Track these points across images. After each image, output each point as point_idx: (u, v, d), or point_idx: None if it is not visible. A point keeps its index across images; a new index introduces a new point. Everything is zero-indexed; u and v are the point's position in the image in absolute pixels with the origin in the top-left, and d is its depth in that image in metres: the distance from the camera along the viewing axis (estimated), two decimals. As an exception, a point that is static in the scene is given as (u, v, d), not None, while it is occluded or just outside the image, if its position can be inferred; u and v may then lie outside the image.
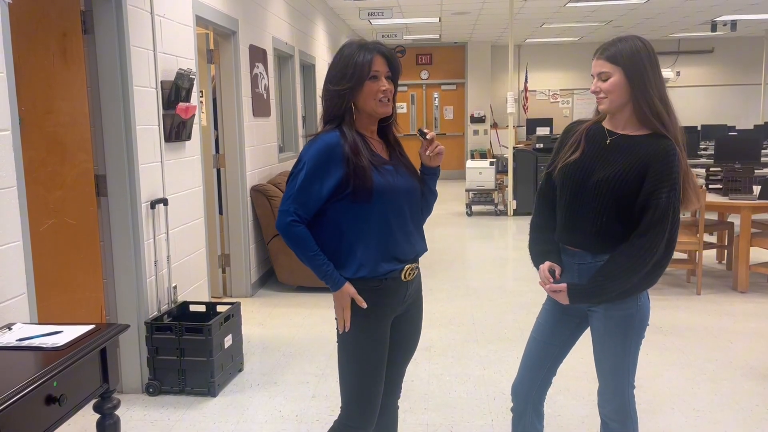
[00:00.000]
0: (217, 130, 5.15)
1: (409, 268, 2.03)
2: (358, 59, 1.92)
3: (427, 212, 2.16)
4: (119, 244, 3.35)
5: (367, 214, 1.93)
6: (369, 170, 1.91)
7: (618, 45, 1.98)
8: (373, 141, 2.02)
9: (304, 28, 7.52)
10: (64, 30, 3.20)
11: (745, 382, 3.51)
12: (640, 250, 1.95)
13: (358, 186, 1.90)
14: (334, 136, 1.93)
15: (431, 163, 2.07)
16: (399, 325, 2.10)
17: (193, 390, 3.43)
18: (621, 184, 1.97)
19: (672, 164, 1.94)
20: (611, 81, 1.98)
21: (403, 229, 2.00)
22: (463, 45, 14.24)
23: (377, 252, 1.95)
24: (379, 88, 1.93)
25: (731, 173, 5.41)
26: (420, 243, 2.09)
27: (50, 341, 2.01)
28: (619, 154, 2.01)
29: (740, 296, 5.14)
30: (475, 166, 9.29)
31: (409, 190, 2.03)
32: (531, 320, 4.73)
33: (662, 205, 1.93)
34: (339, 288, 1.94)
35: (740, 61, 14.22)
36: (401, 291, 2.03)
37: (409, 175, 2.04)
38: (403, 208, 2.00)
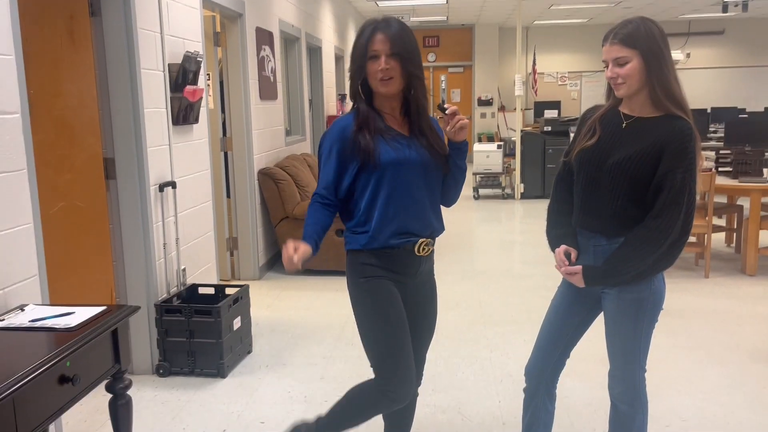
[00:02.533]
0: (224, 113, 5.14)
1: (423, 242, 2.05)
2: (359, 40, 1.95)
3: (456, 189, 2.15)
4: (128, 226, 3.36)
5: (378, 187, 1.98)
6: (373, 142, 1.94)
7: (630, 27, 1.94)
8: (391, 117, 2.03)
9: (310, 11, 7.48)
10: (72, 12, 3.19)
11: (752, 365, 3.51)
12: (654, 231, 1.94)
13: (365, 159, 1.95)
14: (346, 118, 2.02)
15: (456, 138, 2.04)
16: (409, 307, 2.12)
17: (203, 371, 3.46)
18: (637, 165, 1.96)
19: (688, 145, 1.93)
20: (630, 66, 1.94)
21: (415, 203, 2.01)
22: (470, 27, 14.11)
23: (389, 225, 2.00)
24: (377, 68, 1.92)
25: (741, 156, 5.37)
26: (435, 220, 2.10)
27: (62, 322, 2.03)
28: (635, 136, 2.00)
29: (749, 279, 5.12)
30: (483, 150, 9.25)
31: (423, 164, 2.01)
32: (538, 303, 4.71)
33: (677, 186, 1.92)
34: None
35: (751, 42, 14.04)
36: (414, 262, 2.06)
37: (425, 150, 2.02)
38: (414, 181, 2.00)
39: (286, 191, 5.35)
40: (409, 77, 1.98)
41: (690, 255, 5.72)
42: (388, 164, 1.95)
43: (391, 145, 1.97)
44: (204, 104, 4.12)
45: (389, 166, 1.96)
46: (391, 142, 1.97)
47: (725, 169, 5.54)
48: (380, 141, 1.96)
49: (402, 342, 2.01)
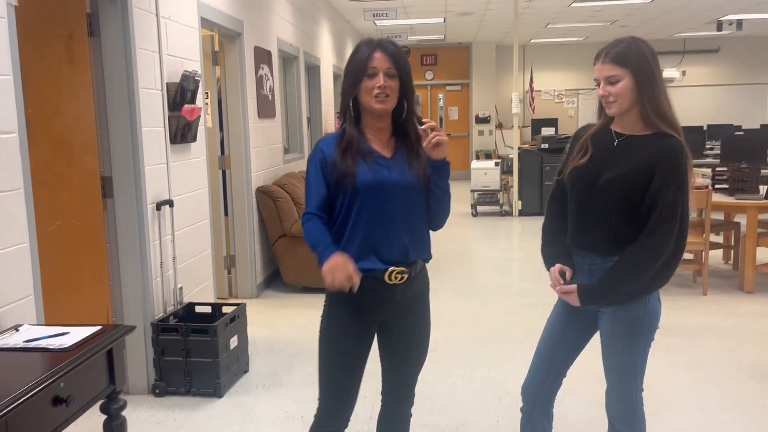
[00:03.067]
0: (223, 132, 5.16)
1: (395, 270, 1.96)
2: (358, 56, 1.95)
3: (439, 212, 2.05)
4: (125, 245, 3.36)
5: (351, 209, 1.95)
6: (353, 165, 1.92)
7: (621, 46, 1.96)
8: (376, 138, 2.00)
9: (308, 30, 7.53)
10: (71, 32, 3.21)
11: (751, 383, 3.50)
12: (648, 249, 1.94)
13: (343, 181, 1.93)
14: (330, 138, 2.02)
15: (433, 155, 1.97)
16: (393, 333, 2.08)
17: (199, 391, 3.44)
18: (629, 183, 1.97)
19: (679, 162, 1.93)
20: (621, 84, 1.96)
21: (388, 227, 1.95)
22: (467, 45, 14.23)
23: (356, 248, 1.94)
24: (374, 84, 1.92)
25: (738, 173, 5.39)
26: (414, 246, 2.00)
27: (57, 342, 2.01)
28: (627, 154, 2.00)
29: (747, 297, 5.11)
30: (481, 167, 9.28)
31: (407, 188, 1.96)
32: (537, 320, 4.70)
33: (669, 203, 1.92)
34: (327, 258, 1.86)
35: (746, 60, 14.16)
36: (386, 294, 1.98)
37: (408, 172, 1.97)
38: (392, 206, 1.95)
39: (284, 209, 5.35)
40: (405, 98, 1.99)
41: (688, 272, 5.71)
42: (363, 187, 1.92)
43: (371, 167, 1.94)
44: (202, 123, 4.13)
45: (365, 189, 1.92)
46: (371, 164, 1.95)
47: (722, 186, 5.55)
48: (360, 163, 1.94)
49: (345, 384, 2.02)
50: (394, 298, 2.00)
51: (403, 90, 1.96)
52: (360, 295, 1.94)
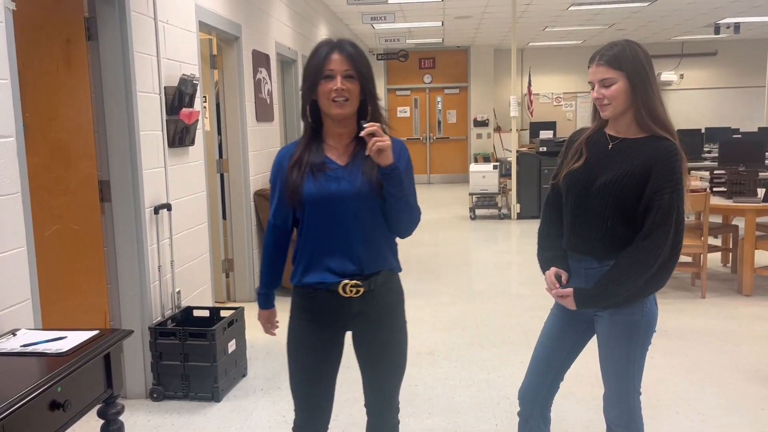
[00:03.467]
0: (221, 135, 5.16)
1: (348, 283, 1.90)
2: (314, 58, 1.87)
3: (398, 221, 1.93)
4: (123, 249, 3.35)
5: (303, 222, 1.94)
6: (299, 179, 1.88)
7: (615, 49, 1.97)
8: (333, 145, 1.93)
9: (307, 33, 7.54)
10: (68, 36, 3.21)
11: (750, 386, 3.49)
12: (644, 252, 1.94)
13: (289, 194, 1.91)
14: (288, 148, 2.00)
15: (379, 161, 1.83)
16: (363, 345, 2.03)
17: (197, 395, 3.43)
18: (624, 186, 1.97)
19: (674, 165, 1.93)
20: (615, 87, 1.96)
21: (338, 239, 1.89)
22: (465, 49, 14.25)
23: (307, 261, 1.93)
24: (332, 87, 1.83)
25: (736, 176, 5.39)
26: (370, 257, 1.92)
27: (54, 347, 2.01)
28: (621, 157, 2.00)
29: (745, 299, 5.12)
30: (479, 170, 9.28)
31: (360, 198, 1.87)
32: (535, 324, 4.69)
33: (665, 206, 1.92)
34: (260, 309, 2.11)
35: (744, 63, 14.19)
36: (342, 307, 1.93)
37: (365, 181, 1.87)
38: (343, 217, 1.88)
39: (282, 213, 5.35)
40: (366, 101, 1.90)
41: (686, 275, 5.71)
42: (308, 201, 1.88)
43: (317, 182, 1.88)
44: (200, 126, 4.13)
45: (310, 203, 1.88)
46: (320, 178, 1.88)
47: (720, 189, 5.56)
48: (307, 176, 1.88)
49: (309, 395, 2.03)
50: (351, 311, 1.94)
51: (363, 93, 1.88)
52: (315, 307, 1.95)
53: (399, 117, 14.52)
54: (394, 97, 14.52)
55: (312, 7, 7.95)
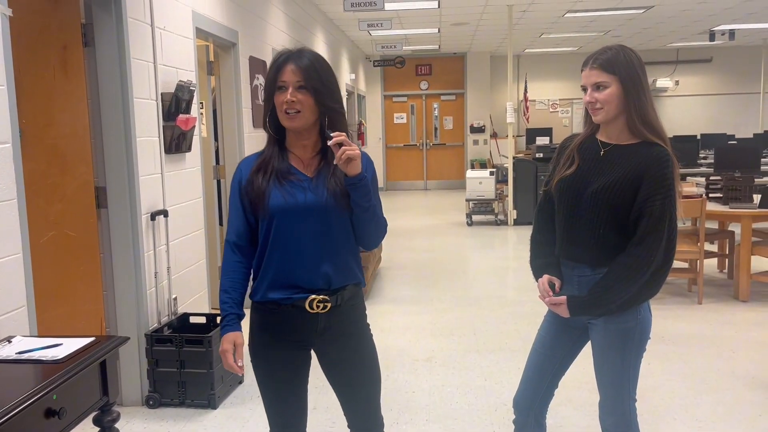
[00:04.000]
0: (218, 142, 5.15)
1: (315, 299, 1.85)
2: (271, 69, 1.83)
3: (365, 232, 1.89)
4: (119, 255, 3.34)
5: (267, 234, 1.85)
6: (265, 188, 1.82)
7: (609, 54, 1.96)
8: (297, 156, 1.89)
9: (303, 40, 7.56)
10: (65, 43, 3.21)
11: (747, 392, 3.49)
12: (636, 259, 1.94)
13: (254, 205, 1.85)
14: (249, 159, 1.94)
15: (347, 171, 1.78)
16: (332, 363, 1.98)
17: (194, 402, 3.41)
18: (616, 193, 1.96)
19: (665, 171, 1.93)
20: (608, 91, 1.96)
21: (305, 254, 1.84)
22: (462, 55, 14.29)
23: (272, 276, 1.86)
24: (282, 99, 1.79)
25: (731, 182, 5.41)
26: (337, 272, 1.88)
27: (50, 354, 2.00)
28: (613, 164, 2.00)
29: (742, 305, 5.12)
30: (476, 176, 9.30)
31: (327, 210, 1.83)
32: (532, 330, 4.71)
33: (657, 213, 1.92)
34: (224, 333, 1.88)
35: (739, 70, 14.26)
36: (308, 323, 1.88)
37: (331, 194, 1.83)
38: (310, 230, 1.83)
39: (279, 219, 5.34)
40: (325, 112, 1.83)
41: (683, 281, 5.72)
42: (275, 211, 1.82)
43: (284, 190, 1.82)
44: (197, 133, 4.13)
45: (276, 213, 1.82)
46: (286, 186, 1.83)
47: (716, 195, 5.58)
48: (274, 185, 1.83)
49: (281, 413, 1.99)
50: (318, 327, 1.89)
51: (320, 105, 1.82)
52: (279, 324, 1.89)
53: (396, 123, 14.54)
54: (390, 103, 14.55)
55: (309, 14, 7.97)
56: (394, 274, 6.47)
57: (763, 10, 9.60)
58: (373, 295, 5.68)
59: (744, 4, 9.13)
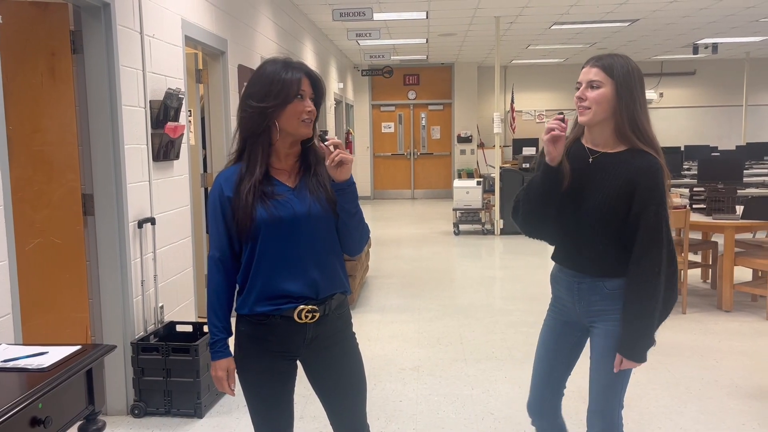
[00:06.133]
0: (206, 149, 5.15)
1: (304, 309, 1.85)
2: (285, 76, 1.82)
3: (351, 238, 1.92)
4: (106, 263, 3.32)
5: (253, 248, 1.84)
6: (249, 206, 1.81)
7: (612, 58, 1.99)
8: (280, 168, 1.89)
9: (292, 48, 7.57)
10: (53, 49, 3.20)
11: (730, 401, 3.53)
12: (644, 276, 1.96)
13: (239, 222, 1.83)
14: (228, 172, 1.90)
15: (336, 176, 1.83)
16: (319, 372, 1.98)
17: (180, 411, 3.39)
18: (612, 207, 1.99)
19: (657, 180, 1.96)
20: (601, 91, 1.97)
21: (294, 264, 1.85)
22: (450, 66, 14.38)
23: (259, 289, 1.85)
24: (305, 108, 1.83)
25: (714, 193, 5.48)
26: (326, 280, 1.88)
27: (35, 362, 1.98)
28: (604, 174, 2.01)
29: (725, 315, 5.18)
30: (462, 186, 9.34)
31: (312, 219, 1.85)
32: (519, 339, 4.70)
33: (652, 223, 1.95)
34: (216, 359, 1.89)
35: (722, 82, 14.47)
36: (296, 333, 1.88)
37: (316, 202, 1.85)
38: (297, 240, 1.84)
39: (267, 227, 5.33)
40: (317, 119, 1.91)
41: (667, 291, 5.77)
42: (262, 225, 1.81)
43: (268, 203, 1.82)
44: (185, 140, 4.12)
45: (264, 229, 1.82)
46: (269, 199, 1.83)
47: (699, 206, 5.65)
48: (259, 200, 1.82)
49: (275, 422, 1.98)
50: (306, 337, 1.89)
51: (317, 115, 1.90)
52: (267, 335, 1.88)
53: (383, 133, 14.58)
54: (378, 112, 14.59)
55: (298, 23, 8.00)
56: (381, 283, 6.48)
57: (745, 24, 9.77)
58: (361, 303, 5.68)
59: (727, 19, 9.28)
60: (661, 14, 8.87)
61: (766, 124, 14.45)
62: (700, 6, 8.36)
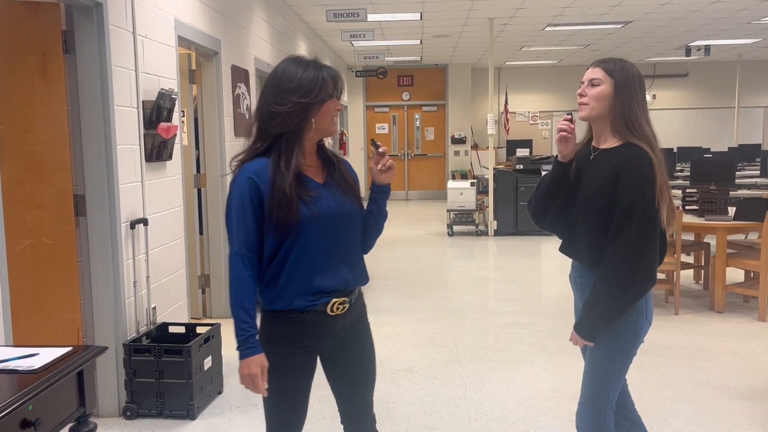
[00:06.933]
0: (199, 150, 5.13)
1: (336, 302, 1.91)
2: (324, 74, 1.88)
3: (376, 235, 2.03)
4: (98, 264, 3.31)
5: (290, 246, 1.86)
6: (295, 204, 1.82)
7: (617, 62, 2.10)
8: (310, 162, 1.94)
9: (286, 49, 7.56)
10: (45, 49, 3.18)
11: (722, 402, 3.54)
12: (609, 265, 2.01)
13: (282, 220, 1.82)
14: (256, 165, 1.89)
15: (382, 180, 1.97)
16: (337, 360, 2.03)
17: (172, 413, 3.38)
18: (599, 199, 2.04)
19: (640, 169, 1.98)
20: (600, 89, 2.07)
21: (330, 260, 1.90)
22: (444, 67, 14.40)
23: (297, 285, 1.87)
24: (336, 106, 1.91)
25: (707, 194, 5.50)
26: (353, 274, 1.95)
27: (26, 364, 1.97)
28: (597, 169, 2.09)
29: (717, 316, 5.20)
30: (456, 187, 9.35)
31: (344, 215, 1.92)
32: (512, 340, 4.71)
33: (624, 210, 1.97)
34: (249, 356, 1.84)
35: (714, 84, 14.55)
36: (326, 325, 1.93)
37: (345, 197, 1.93)
38: (332, 236, 1.89)
39: (260, 228, 5.32)
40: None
41: (660, 292, 5.79)
42: (303, 220, 1.84)
43: (307, 199, 1.85)
44: (178, 141, 4.11)
45: (304, 222, 1.84)
46: (306, 196, 1.86)
47: (692, 207, 5.67)
48: (300, 198, 1.85)
49: (291, 421, 2.00)
50: (335, 328, 1.95)
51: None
52: (300, 330, 1.90)
53: (377, 134, 14.58)
54: (372, 113, 14.59)
55: (291, 24, 7.99)
56: (374, 284, 6.47)
57: (737, 27, 9.82)
58: (354, 305, 5.67)
59: (719, 21, 9.33)
60: (653, 16, 8.91)
61: (758, 126, 14.54)
62: (693, 8, 8.40)
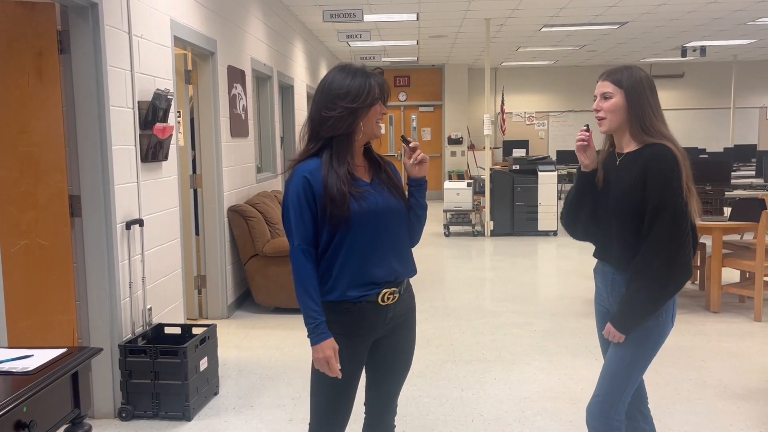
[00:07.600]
0: (195, 151, 5.12)
1: (387, 292, 2.02)
2: (371, 81, 2.01)
3: (420, 228, 2.15)
4: (93, 265, 3.30)
5: (342, 240, 1.97)
6: (347, 200, 1.95)
7: (624, 71, 2.14)
8: (357, 165, 2.05)
9: (282, 50, 7.56)
10: (40, 49, 3.18)
11: (718, 402, 3.55)
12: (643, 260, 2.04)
13: (335, 215, 1.94)
14: (309, 165, 2.00)
15: (416, 174, 2.09)
16: (382, 347, 2.11)
17: (168, 414, 3.37)
18: (629, 198, 2.09)
19: (663, 165, 2.04)
20: (612, 101, 2.13)
21: (379, 252, 2.01)
22: (440, 67, 14.40)
23: (350, 277, 1.98)
24: (381, 110, 2.03)
25: (702, 195, 5.51)
26: (402, 266, 2.07)
27: (20, 365, 1.96)
28: (624, 171, 2.14)
29: (713, 316, 5.21)
30: (453, 187, 9.35)
31: (391, 211, 2.04)
32: (508, 340, 4.73)
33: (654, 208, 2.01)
34: (321, 341, 1.93)
35: (710, 85, 14.59)
36: (379, 315, 2.03)
37: (391, 195, 2.06)
38: (381, 231, 2.01)
39: (257, 228, 5.32)
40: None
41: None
42: (355, 220, 1.96)
43: (357, 196, 1.98)
44: (174, 141, 4.10)
45: (356, 222, 1.97)
46: (356, 193, 1.98)
47: (688, 207, 5.67)
48: (351, 196, 1.97)
49: (341, 410, 2.05)
50: (387, 317, 2.05)
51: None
52: (354, 320, 2.00)
53: (374, 134, 14.57)
54: (369, 114, 14.58)
55: (288, 24, 7.98)
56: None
57: (732, 28, 9.85)
58: (351, 305, 5.66)
59: (715, 22, 9.36)
60: (649, 17, 8.93)
61: (753, 127, 14.59)
62: (688, 9, 8.42)
